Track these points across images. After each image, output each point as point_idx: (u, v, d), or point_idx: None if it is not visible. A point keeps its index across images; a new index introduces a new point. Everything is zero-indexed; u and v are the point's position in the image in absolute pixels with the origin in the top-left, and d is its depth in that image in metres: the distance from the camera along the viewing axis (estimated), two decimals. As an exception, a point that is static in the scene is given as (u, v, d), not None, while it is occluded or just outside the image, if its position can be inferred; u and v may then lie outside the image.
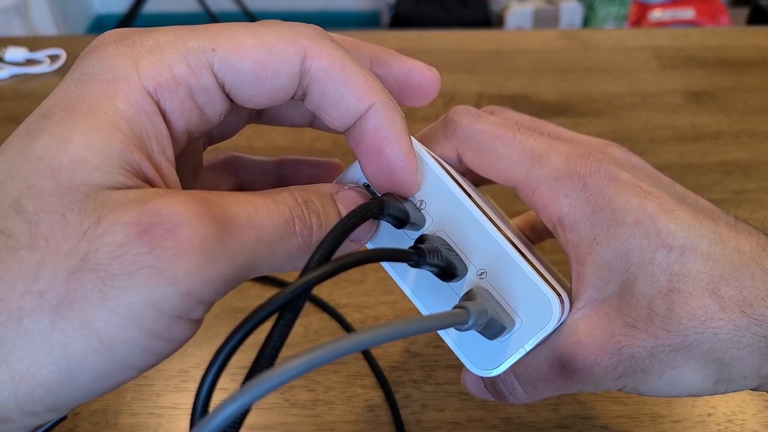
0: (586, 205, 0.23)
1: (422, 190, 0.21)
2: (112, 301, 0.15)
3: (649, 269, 0.22)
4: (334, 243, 0.17)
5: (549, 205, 0.23)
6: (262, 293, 0.40)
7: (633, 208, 0.22)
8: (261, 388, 0.13)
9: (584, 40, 0.69)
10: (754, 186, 0.49)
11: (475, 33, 0.70)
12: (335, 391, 0.34)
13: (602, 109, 0.58)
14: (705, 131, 0.55)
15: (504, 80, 0.62)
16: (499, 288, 0.20)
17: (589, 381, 0.23)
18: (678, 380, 0.22)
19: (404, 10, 1.79)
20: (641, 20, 1.78)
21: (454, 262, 0.21)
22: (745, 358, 0.21)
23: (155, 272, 0.15)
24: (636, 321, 0.22)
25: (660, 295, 0.22)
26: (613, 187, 0.23)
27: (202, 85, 0.18)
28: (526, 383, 0.24)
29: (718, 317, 0.21)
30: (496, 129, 0.24)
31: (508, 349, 0.20)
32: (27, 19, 1.54)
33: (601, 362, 0.22)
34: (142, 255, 0.15)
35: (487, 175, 0.25)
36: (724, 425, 0.33)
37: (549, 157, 0.23)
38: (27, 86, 0.60)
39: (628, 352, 0.22)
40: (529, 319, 0.20)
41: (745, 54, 0.67)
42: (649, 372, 0.22)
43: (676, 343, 0.21)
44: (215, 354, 0.16)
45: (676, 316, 0.21)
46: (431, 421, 0.33)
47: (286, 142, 0.53)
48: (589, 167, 0.23)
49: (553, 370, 0.23)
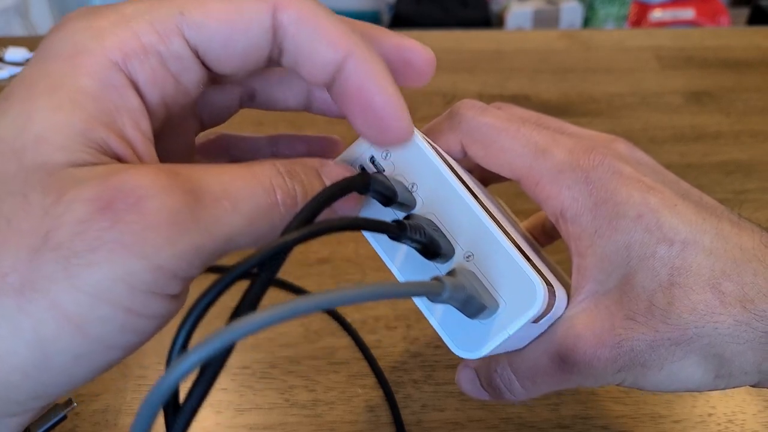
0: (588, 197, 0.23)
1: (414, 173, 0.21)
2: (77, 279, 0.14)
3: (650, 263, 0.22)
4: (315, 207, 0.17)
5: (551, 198, 0.23)
6: (262, 293, 0.40)
7: (635, 202, 0.22)
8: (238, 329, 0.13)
9: (584, 40, 0.69)
10: (755, 186, 0.49)
11: (475, 33, 0.70)
12: (335, 391, 0.34)
13: (602, 109, 0.58)
14: (705, 131, 0.55)
15: (504, 80, 0.62)
16: (485, 271, 0.20)
17: (588, 375, 0.23)
18: (678, 374, 0.22)
19: (404, 10, 1.79)
20: (641, 20, 1.78)
21: (438, 240, 0.20)
22: (745, 353, 0.21)
23: (120, 247, 0.14)
24: (636, 314, 0.22)
25: (661, 288, 0.22)
26: (615, 181, 0.23)
27: (173, 52, 0.17)
28: (524, 378, 0.24)
29: (719, 312, 0.21)
30: (500, 122, 0.24)
31: (491, 332, 0.20)
32: (27, 19, 1.54)
33: (601, 355, 0.22)
34: (104, 230, 0.14)
35: (492, 168, 0.24)
36: (725, 425, 0.33)
37: (552, 150, 0.23)
38: (27, 86, 0.60)
39: (627, 346, 0.22)
40: (513, 302, 0.20)
41: (746, 54, 0.66)
42: (648, 366, 0.22)
43: (676, 336, 0.21)
44: (196, 302, 0.16)
45: (676, 309, 0.21)
46: (431, 422, 0.33)
47: (286, 142, 0.53)
48: (592, 161, 0.23)
49: (552, 364, 0.23)
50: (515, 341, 0.22)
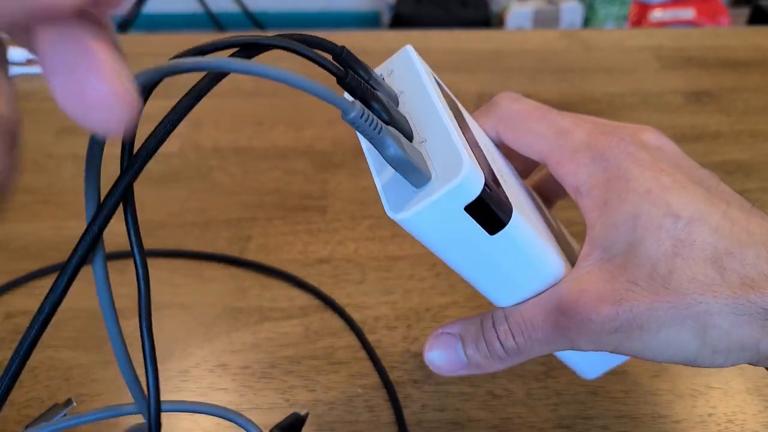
0: (602, 173, 0.24)
1: (404, 83, 0.24)
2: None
3: (655, 233, 0.23)
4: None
5: (569, 174, 0.25)
6: (263, 293, 0.40)
7: (646, 179, 0.24)
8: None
9: (584, 40, 0.69)
10: (755, 186, 0.49)
11: (475, 33, 0.70)
12: (335, 391, 0.34)
13: (602, 109, 0.58)
14: (705, 131, 0.55)
15: (504, 80, 0.62)
16: (431, 152, 0.22)
17: (584, 331, 0.23)
18: (675, 341, 0.22)
19: (404, 10, 1.79)
20: (641, 20, 1.78)
21: (395, 116, 0.22)
22: (743, 327, 0.22)
23: None
24: (638, 279, 0.22)
25: (664, 257, 0.22)
26: (629, 161, 0.24)
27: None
28: (518, 332, 0.24)
29: (719, 284, 0.22)
30: (530, 108, 0.27)
31: (418, 198, 0.21)
32: (27, 19, 1.54)
33: (600, 310, 0.22)
34: None
35: (521, 150, 0.26)
36: (725, 425, 0.33)
37: (573, 131, 0.25)
38: (27, 86, 0.60)
39: (627, 305, 0.22)
40: (443, 175, 0.21)
41: (746, 54, 0.67)
42: (645, 329, 0.22)
43: (674, 301, 0.22)
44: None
45: (676, 277, 0.22)
46: (431, 421, 0.33)
47: (287, 142, 0.53)
48: (609, 142, 0.25)
49: (550, 317, 0.23)
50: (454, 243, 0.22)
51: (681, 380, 0.35)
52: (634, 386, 0.35)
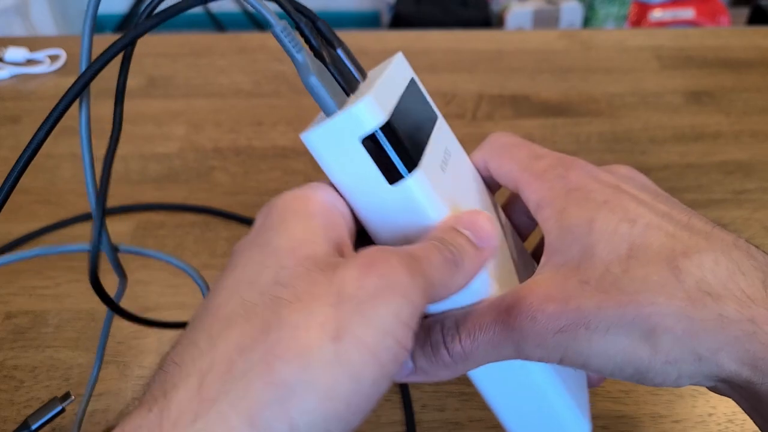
0: (563, 187, 0.24)
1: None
2: (369, 318, 0.18)
3: (610, 237, 0.22)
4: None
5: (534, 192, 0.25)
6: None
7: (605, 192, 0.24)
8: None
9: (584, 40, 0.69)
10: (755, 186, 0.49)
11: (475, 33, 0.70)
12: (335, 391, 0.34)
13: (602, 109, 0.58)
14: (705, 131, 0.55)
15: (504, 80, 0.62)
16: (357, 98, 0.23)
17: (529, 332, 0.22)
18: (623, 345, 0.21)
19: (404, 10, 1.79)
20: (641, 20, 1.78)
21: (338, 64, 0.24)
22: (699, 334, 0.20)
23: (392, 292, 0.19)
24: (590, 279, 0.22)
25: (617, 259, 0.22)
26: (591, 179, 0.24)
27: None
28: (466, 333, 0.23)
29: (673, 286, 0.21)
30: (516, 141, 0.27)
31: (322, 123, 0.22)
32: (27, 19, 1.54)
33: (546, 309, 0.22)
34: (377, 281, 0.19)
35: (500, 178, 0.27)
36: (725, 425, 0.33)
37: (546, 157, 0.26)
38: (27, 86, 0.60)
39: (575, 304, 0.21)
40: (348, 106, 0.22)
41: (745, 54, 0.67)
42: (592, 329, 0.21)
43: (625, 301, 0.21)
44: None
45: (629, 276, 0.21)
46: (431, 421, 0.33)
47: (287, 142, 0.53)
48: (575, 164, 0.25)
49: (499, 317, 0.22)
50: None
51: (681, 380, 0.35)
52: (634, 386, 0.35)
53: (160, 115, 0.56)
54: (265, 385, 0.17)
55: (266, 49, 0.66)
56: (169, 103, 0.58)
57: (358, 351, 0.18)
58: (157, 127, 0.55)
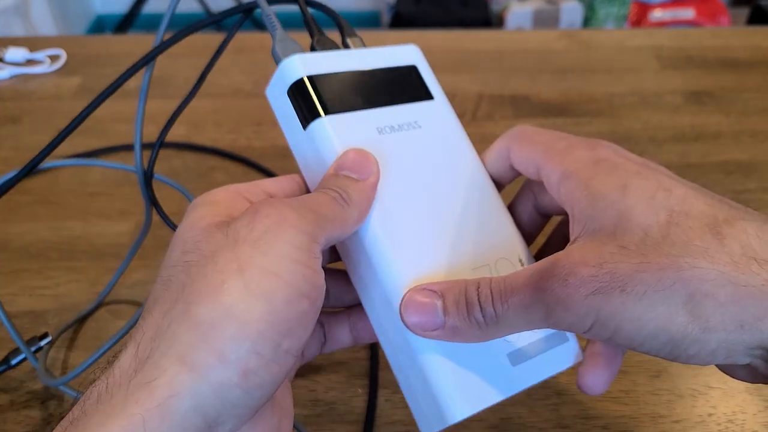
0: (589, 159, 0.25)
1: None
2: (268, 249, 0.21)
3: (648, 202, 0.22)
4: None
5: (558, 165, 0.25)
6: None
7: (635, 163, 0.24)
8: None
9: (584, 40, 0.69)
10: (755, 186, 0.49)
11: (475, 33, 0.70)
12: (335, 391, 0.34)
13: (602, 109, 0.58)
14: (705, 131, 0.55)
15: (504, 80, 0.62)
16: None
17: (559, 293, 0.21)
18: (659, 310, 0.20)
19: (404, 10, 1.79)
20: (641, 20, 1.78)
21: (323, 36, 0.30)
22: (743, 300, 0.19)
23: (288, 226, 0.22)
24: (628, 244, 0.21)
25: (657, 225, 0.21)
26: (618, 156, 0.25)
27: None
28: (499, 296, 0.23)
29: (716, 250, 0.20)
30: (539, 129, 0.28)
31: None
32: (27, 19, 1.54)
33: (579, 272, 0.21)
34: (269, 221, 0.22)
35: (521, 165, 0.28)
36: (725, 425, 0.33)
37: (569, 138, 0.27)
38: (27, 86, 0.60)
39: (609, 267, 0.21)
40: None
41: (745, 54, 0.67)
42: (628, 291, 0.20)
43: (665, 263, 0.20)
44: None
45: (670, 241, 0.20)
46: (431, 421, 0.33)
47: (287, 142, 0.53)
48: (601, 143, 0.26)
49: (530, 280, 0.22)
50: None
51: (681, 380, 0.35)
52: (634, 386, 0.35)
53: (159, 115, 0.56)
54: (188, 329, 0.20)
55: (266, 49, 0.66)
56: (169, 103, 0.58)
57: (263, 275, 0.20)
58: (157, 127, 0.55)
